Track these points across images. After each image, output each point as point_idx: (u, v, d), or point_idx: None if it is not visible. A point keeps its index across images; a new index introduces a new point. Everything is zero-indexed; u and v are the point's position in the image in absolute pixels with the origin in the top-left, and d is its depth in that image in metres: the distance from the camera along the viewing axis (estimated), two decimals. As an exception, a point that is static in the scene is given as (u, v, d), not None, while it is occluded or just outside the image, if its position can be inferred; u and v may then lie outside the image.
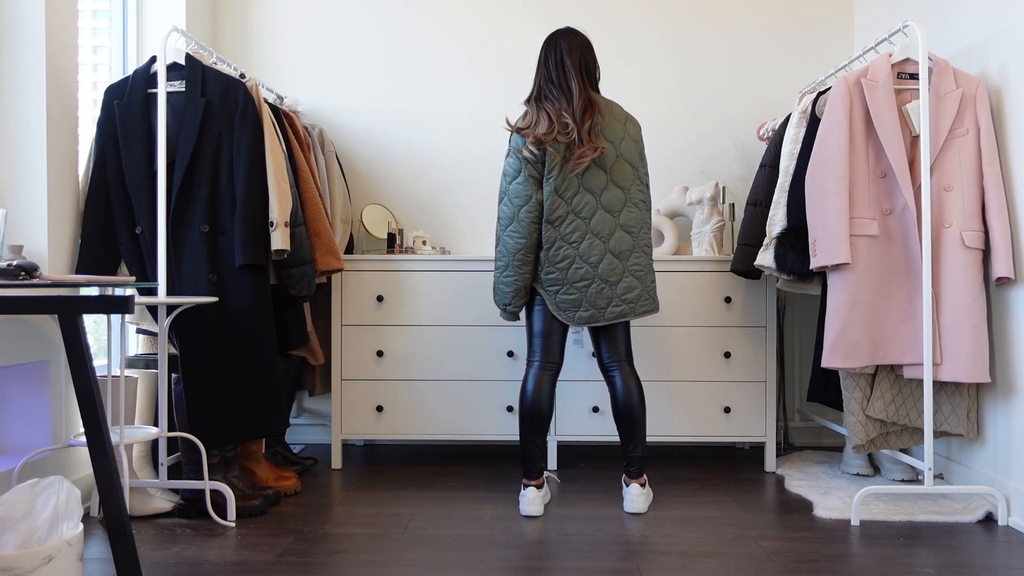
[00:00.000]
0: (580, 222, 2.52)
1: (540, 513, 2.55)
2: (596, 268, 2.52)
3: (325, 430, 3.64)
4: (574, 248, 2.52)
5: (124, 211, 2.59)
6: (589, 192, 2.52)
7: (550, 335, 2.61)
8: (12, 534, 1.65)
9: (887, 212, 2.60)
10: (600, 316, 2.55)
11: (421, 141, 3.66)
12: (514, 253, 2.53)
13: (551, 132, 2.48)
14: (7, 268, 1.79)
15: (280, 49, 3.67)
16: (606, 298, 2.54)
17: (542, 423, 2.59)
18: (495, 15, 3.66)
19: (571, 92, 2.52)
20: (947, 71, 2.57)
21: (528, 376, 2.61)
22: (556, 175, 2.50)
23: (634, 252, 2.56)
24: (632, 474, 2.63)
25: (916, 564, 2.11)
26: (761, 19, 3.65)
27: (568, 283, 2.53)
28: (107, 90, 2.65)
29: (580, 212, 2.52)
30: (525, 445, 2.59)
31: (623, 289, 2.55)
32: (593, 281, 2.53)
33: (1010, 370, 2.53)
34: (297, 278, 2.69)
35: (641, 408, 2.62)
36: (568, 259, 2.52)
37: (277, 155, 2.64)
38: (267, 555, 2.17)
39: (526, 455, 2.59)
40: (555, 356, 2.63)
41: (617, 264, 2.54)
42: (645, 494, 2.61)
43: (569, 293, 2.54)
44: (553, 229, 2.52)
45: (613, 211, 2.53)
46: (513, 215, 2.53)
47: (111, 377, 2.35)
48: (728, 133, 3.61)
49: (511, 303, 2.59)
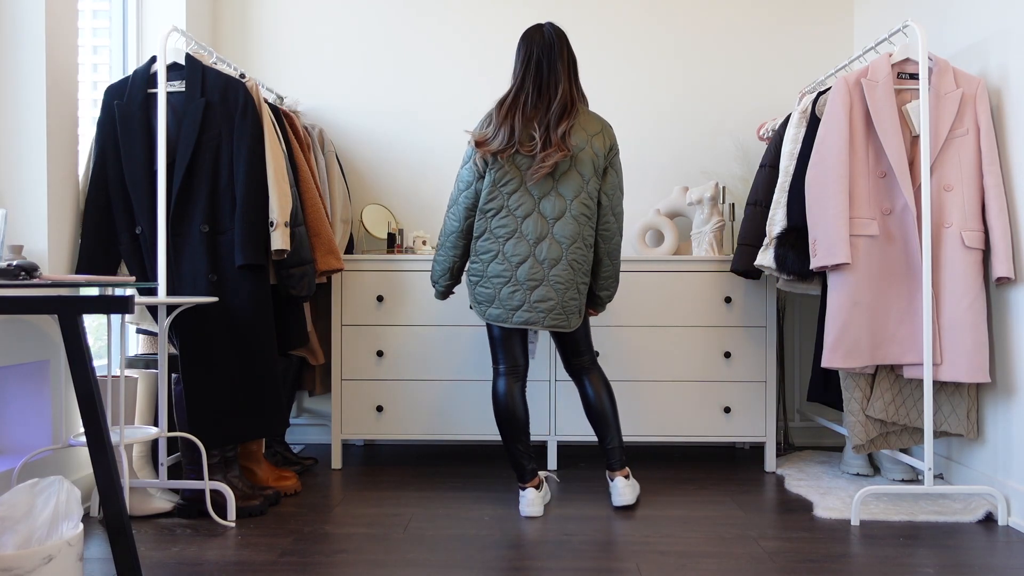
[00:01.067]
0: (512, 219, 2.51)
1: (540, 513, 2.55)
2: (516, 269, 2.50)
3: (325, 430, 3.64)
4: (499, 244, 2.51)
5: (124, 211, 2.59)
6: (529, 193, 2.50)
7: (509, 339, 2.61)
8: (12, 534, 1.65)
9: (887, 212, 2.60)
10: (509, 318, 2.53)
11: (421, 141, 3.66)
12: (448, 235, 2.62)
13: (509, 148, 2.48)
14: (7, 268, 1.79)
15: (280, 49, 3.67)
16: (518, 301, 2.51)
17: (519, 428, 2.59)
18: (495, 14, 3.66)
19: (556, 92, 2.49)
20: (947, 71, 2.57)
21: (496, 384, 2.62)
22: (497, 168, 2.50)
23: (560, 263, 2.49)
24: (614, 466, 2.65)
25: (916, 564, 2.11)
26: (761, 19, 3.65)
27: (487, 277, 2.54)
28: (107, 90, 2.65)
29: (515, 210, 2.50)
30: (509, 451, 2.60)
31: (537, 297, 2.50)
32: (508, 281, 2.51)
33: (1010, 370, 2.53)
34: (297, 278, 2.69)
35: (612, 406, 2.68)
36: (491, 253, 2.53)
37: (277, 155, 2.64)
38: (267, 555, 2.17)
39: (513, 462, 2.59)
40: (518, 360, 2.63)
41: (538, 270, 2.49)
42: (631, 485, 2.63)
43: (485, 287, 2.54)
44: (485, 220, 2.53)
45: (548, 218, 2.50)
46: (455, 198, 2.60)
47: (111, 377, 2.35)
48: (728, 133, 3.60)
49: (438, 281, 2.69)
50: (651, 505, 2.66)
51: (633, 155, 3.60)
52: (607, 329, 3.10)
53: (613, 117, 3.60)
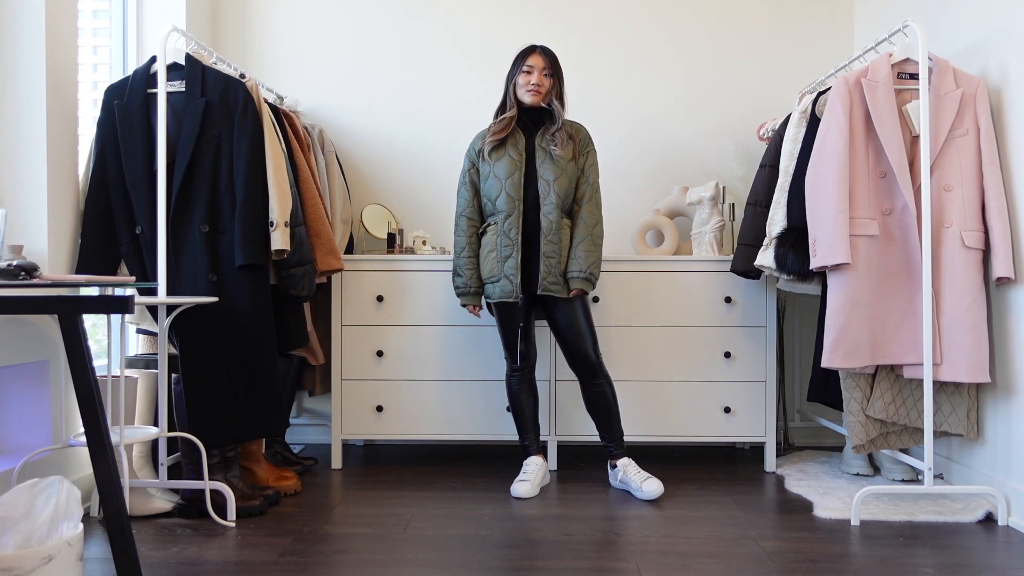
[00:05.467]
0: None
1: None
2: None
3: (325, 430, 3.64)
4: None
5: (124, 211, 2.59)
6: None
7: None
8: (12, 534, 1.66)
9: (887, 212, 2.60)
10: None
11: (421, 141, 3.66)
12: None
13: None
14: (7, 268, 1.79)
15: (280, 49, 3.67)
16: None
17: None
18: (495, 14, 3.66)
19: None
20: (947, 71, 2.57)
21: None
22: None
23: None
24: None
25: (916, 564, 2.11)
26: (761, 19, 3.65)
27: None
28: (107, 90, 2.65)
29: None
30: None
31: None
32: None
33: (1010, 370, 2.53)
34: (297, 278, 2.69)
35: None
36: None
37: (277, 155, 2.64)
38: (267, 555, 2.17)
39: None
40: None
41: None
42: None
43: None
44: None
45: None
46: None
47: (111, 377, 2.35)
48: (728, 133, 3.60)
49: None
50: (651, 505, 2.66)
51: (633, 155, 3.61)
52: (607, 329, 3.10)
53: (613, 117, 3.62)
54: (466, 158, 2.88)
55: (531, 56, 2.78)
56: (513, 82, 2.79)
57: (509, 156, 2.76)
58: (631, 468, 2.79)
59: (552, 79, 2.78)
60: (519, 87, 2.78)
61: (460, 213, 2.87)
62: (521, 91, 2.77)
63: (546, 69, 2.77)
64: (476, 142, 2.87)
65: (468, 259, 2.83)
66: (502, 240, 2.75)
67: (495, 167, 2.77)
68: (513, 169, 2.75)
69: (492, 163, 2.78)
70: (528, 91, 2.76)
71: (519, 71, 2.77)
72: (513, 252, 2.73)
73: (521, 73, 2.77)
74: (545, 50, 2.80)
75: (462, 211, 2.86)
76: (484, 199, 2.83)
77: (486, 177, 2.80)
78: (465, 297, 2.86)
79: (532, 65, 2.76)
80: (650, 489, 2.69)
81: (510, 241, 2.74)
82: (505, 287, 2.75)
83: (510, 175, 2.75)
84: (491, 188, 2.78)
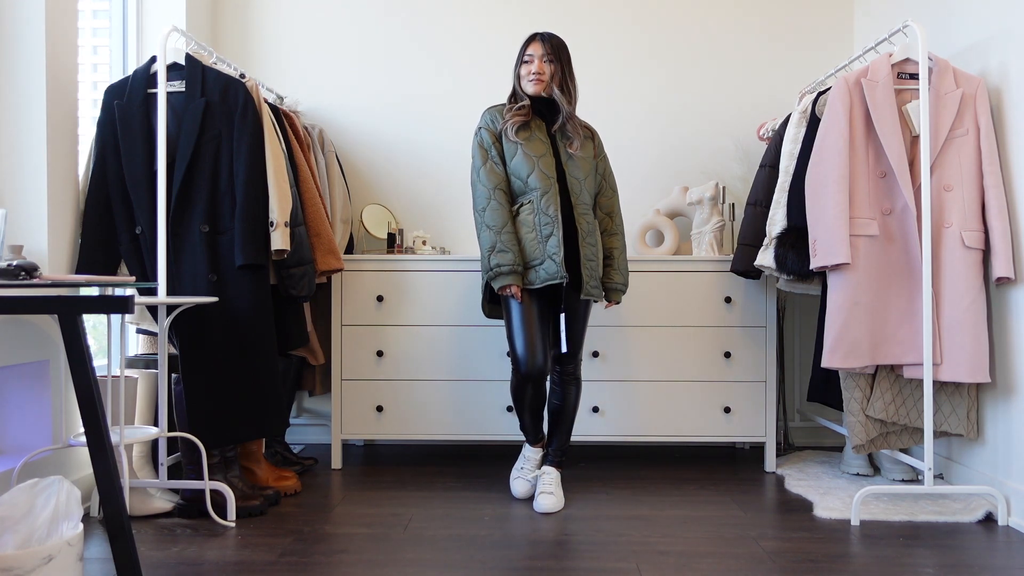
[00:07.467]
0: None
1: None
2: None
3: (325, 430, 3.64)
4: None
5: (124, 211, 2.59)
6: None
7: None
8: (12, 534, 1.66)
9: (887, 212, 2.60)
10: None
11: (421, 141, 3.66)
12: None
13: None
14: (7, 268, 1.79)
15: (280, 49, 3.67)
16: None
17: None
18: (495, 14, 3.66)
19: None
20: (947, 71, 2.57)
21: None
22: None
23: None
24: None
25: (916, 564, 2.11)
26: (761, 19, 3.65)
27: None
28: (107, 90, 2.65)
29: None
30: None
31: None
32: None
33: (1010, 370, 2.53)
34: (297, 278, 2.69)
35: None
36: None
37: (277, 155, 2.64)
38: (267, 555, 2.17)
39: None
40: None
41: None
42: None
43: None
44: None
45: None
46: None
47: (111, 377, 2.35)
48: (728, 133, 3.60)
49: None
50: (651, 505, 2.66)
51: (633, 155, 3.60)
52: (607, 329, 3.10)
53: (613, 117, 3.62)
54: (484, 133, 2.67)
55: (531, 44, 2.67)
56: (517, 74, 2.70)
57: (537, 138, 2.64)
58: (548, 479, 2.68)
59: (554, 64, 2.64)
60: (522, 79, 2.67)
61: (494, 187, 2.61)
62: (524, 82, 2.67)
63: (546, 55, 2.64)
64: (493, 118, 2.69)
65: (511, 234, 2.58)
66: (541, 219, 2.57)
67: (524, 145, 2.61)
68: (544, 150, 2.63)
69: (521, 141, 2.62)
70: (530, 81, 2.65)
71: (521, 61, 2.68)
72: (554, 229, 2.55)
73: (523, 63, 2.67)
74: (545, 36, 2.67)
75: (495, 186, 2.61)
76: (513, 177, 2.64)
77: (513, 154, 2.62)
78: (512, 276, 2.55)
79: (532, 54, 2.65)
80: (543, 504, 2.59)
81: (549, 219, 2.56)
82: (550, 268, 2.55)
83: (542, 155, 2.61)
84: (520, 165, 2.61)
